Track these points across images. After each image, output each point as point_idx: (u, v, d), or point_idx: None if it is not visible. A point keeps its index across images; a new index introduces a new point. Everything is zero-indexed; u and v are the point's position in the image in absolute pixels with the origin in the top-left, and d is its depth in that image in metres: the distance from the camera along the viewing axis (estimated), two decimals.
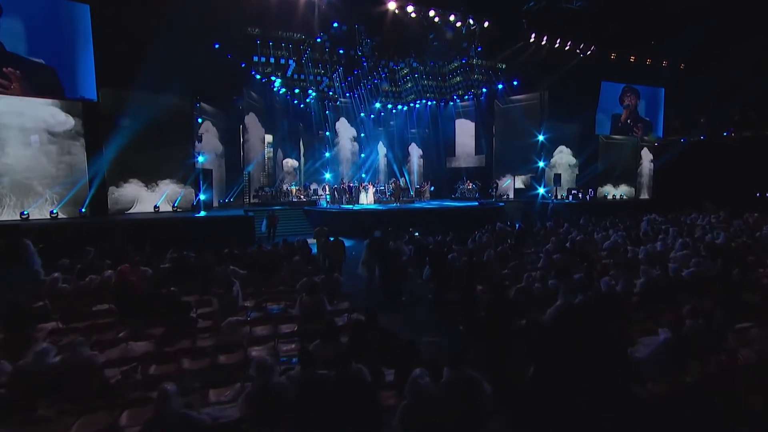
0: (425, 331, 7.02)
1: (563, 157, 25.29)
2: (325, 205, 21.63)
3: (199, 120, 18.05)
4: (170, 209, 17.37)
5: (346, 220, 18.25)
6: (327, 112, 28.17)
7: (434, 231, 13.72)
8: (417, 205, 21.62)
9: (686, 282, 6.78)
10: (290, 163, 26.45)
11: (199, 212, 17.18)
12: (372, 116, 29.05)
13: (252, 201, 21.94)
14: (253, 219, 16.26)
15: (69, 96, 14.14)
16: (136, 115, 15.89)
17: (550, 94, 23.94)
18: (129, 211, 16.61)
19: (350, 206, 20.02)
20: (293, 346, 5.38)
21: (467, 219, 17.90)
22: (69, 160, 14.64)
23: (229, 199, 21.44)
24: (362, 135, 28.94)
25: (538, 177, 24.61)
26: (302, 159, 26.73)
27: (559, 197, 24.43)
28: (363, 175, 27.85)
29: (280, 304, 6.94)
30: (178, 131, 17.25)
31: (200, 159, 18.00)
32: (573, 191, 23.95)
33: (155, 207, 17.04)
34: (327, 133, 28.26)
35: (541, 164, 24.46)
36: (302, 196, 21.93)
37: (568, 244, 10.65)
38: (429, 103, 28.29)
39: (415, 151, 29.25)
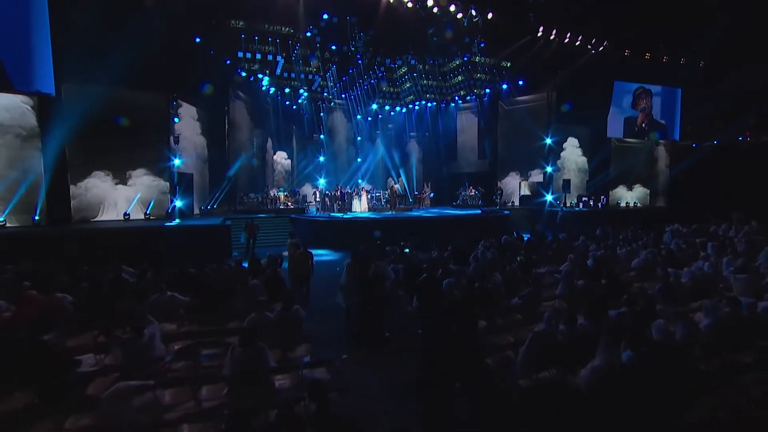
0: (407, 389, 5.23)
1: (573, 154, 23.41)
2: (314, 213, 19.95)
3: (176, 120, 16.41)
4: (143, 217, 15.74)
5: (335, 229, 16.54)
6: (321, 114, 26.63)
7: (432, 244, 11.96)
8: (414, 213, 19.85)
9: (765, 323, 4.98)
10: (284, 163, 24.74)
11: (173, 220, 15.54)
12: (369, 118, 27.53)
13: (238, 208, 20.25)
14: (230, 228, 14.53)
15: (20, 89, 12.52)
16: (103, 112, 14.35)
17: (559, 95, 22.27)
18: (95, 219, 14.96)
19: (340, 214, 18.28)
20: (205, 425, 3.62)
21: (469, 229, 16.08)
22: (21, 160, 12.98)
23: (212, 206, 19.75)
24: (358, 138, 27.41)
25: (545, 183, 22.84)
26: (294, 161, 25.08)
27: (568, 204, 22.64)
28: (360, 181, 26.35)
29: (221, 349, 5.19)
30: (152, 131, 15.63)
31: (177, 162, 16.34)
32: (584, 198, 22.12)
33: (125, 215, 15.38)
34: (321, 137, 26.72)
35: (548, 169, 22.70)
36: (290, 203, 20.20)
37: (589, 262, 8.85)
38: (429, 104, 26.66)
39: (414, 156, 27.51)
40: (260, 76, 20.57)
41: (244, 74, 20.00)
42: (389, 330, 6.96)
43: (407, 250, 9.23)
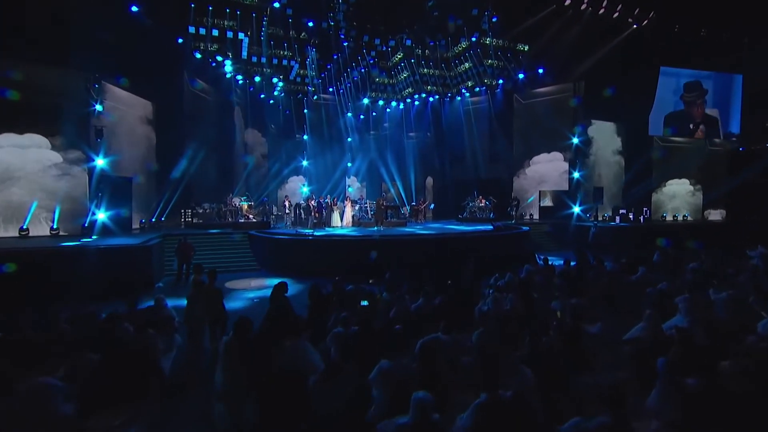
0: None
1: (606, 153, 19.92)
2: (283, 228, 16.66)
3: (99, 107, 13.24)
4: (48, 233, 12.52)
5: (302, 251, 13.16)
6: (305, 110, 23.62)
7: (422, 279, 8.55)
8: (408, 229, 16.36)
9: None
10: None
11: (88, 237, 12.33)
12: (362, 116, 24.50)
13: (194, 221, 16.98)
14: (151, 250, 11.19)
15: None
16: None
17: (588, 85, 18.98)
18: None
19: (309, 231, 14.90)
20: None
21: (478, 252, 12.50)
22: None
23: (158, 219, 16.52)
24: (348, 139, 24.35)
25: (571, 191, 19.40)
26: (266, 165, 21.98)
27: (600, 218, 19.12)
28: (350, 189, 23.34)
29: None
30: (61, 120, 12.47)
31: (99, 161, 13.13)
32: (621, 210, 18.57)
33: (21, 229, 12.17)
34: (305, 137, 23.72)
35: (576, 175, 19.27)
36: (251, 216, 16.88)
37: (681, 322, 5.38)
38: (430, 98, 23.56)
39: (412, 159, 24.20)
40: (220, 58, 17.43)
41: (199, 56, 16.87)
42: None
43: (365, 303, 5.74)
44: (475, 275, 8.52)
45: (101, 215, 13.21)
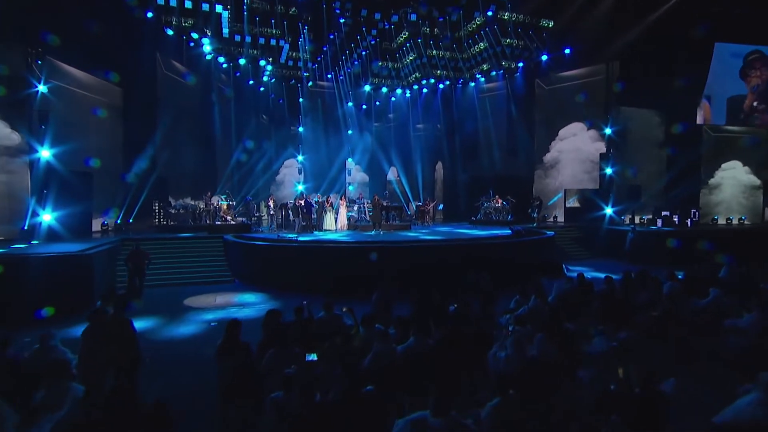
0: None
1: (645, 143, 18.10)
2: (265, 231, 15.10)
3: (42, 89, 11.74)
4: None
5: (283, 260, 11.51)
6: (300, 99, 22.19)
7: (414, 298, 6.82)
8: (411, 234, 14.60)
9: None
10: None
11: (26, 242, 10.89)
12: (364, 106, 23.08)
13: (170, 223, 15.47)
14: (92, 260, 9.61)
15: None
16: None
17: (624, 66, 17.29)
18: None
19: (294, 235, 13.24)
20: None
21: (494, 261, 10.63)
22: None
23: (125, 220, 15.03)
24: (349, 132, 22.99)
25: (603, 190, 17.56)
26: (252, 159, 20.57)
27: (638, 221, 17.26)
28: (350, 188, 22.02)
29: None
30: None
31: (43, 153, 11.64)
32: (664, 212, 16.62)
33: None
34: (300, 129, 22.38)
35: (608, 171, 17.41)
36: (230, 217, 15.30)
37: None
38: (440, 84, 22.14)
39: (419, 154, 22.75)
40: (196, 36, 15.90)
41: (171, 33, 15.36)
42: None
43: (312, 357, 3.92)
44: (489, 299, 6.71)
45: (47, 216, 11.74)
